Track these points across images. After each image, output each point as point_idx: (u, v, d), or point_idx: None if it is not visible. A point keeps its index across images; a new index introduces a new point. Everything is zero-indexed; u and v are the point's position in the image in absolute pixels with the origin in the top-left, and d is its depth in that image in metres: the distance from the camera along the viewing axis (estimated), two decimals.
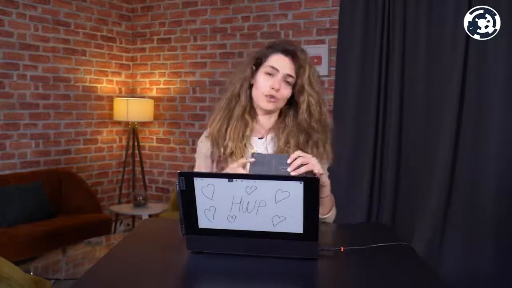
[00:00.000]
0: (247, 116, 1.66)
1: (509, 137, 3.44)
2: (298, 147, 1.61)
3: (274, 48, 1.65)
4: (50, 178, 4.27)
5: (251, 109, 1.68)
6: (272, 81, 1.60)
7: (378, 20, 3.81)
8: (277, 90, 1.60)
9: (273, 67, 1.61)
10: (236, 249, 1.27)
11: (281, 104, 1.64)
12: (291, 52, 1.62)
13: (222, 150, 1.63)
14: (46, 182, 4.18)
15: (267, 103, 1.62)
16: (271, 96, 1.60)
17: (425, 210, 3.69)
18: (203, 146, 1.72)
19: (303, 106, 1.61)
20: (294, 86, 1.63)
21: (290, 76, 1.61)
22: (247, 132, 1.66)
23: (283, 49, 1.63)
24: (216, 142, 1.66)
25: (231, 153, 1.62)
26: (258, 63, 1.66)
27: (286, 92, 1.62)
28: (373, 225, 2.91)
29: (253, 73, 1.66)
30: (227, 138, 1.63)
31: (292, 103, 1.66)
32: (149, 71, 5.13)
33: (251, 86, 1.66)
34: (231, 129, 1.64)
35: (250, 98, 1.67)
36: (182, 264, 1.26)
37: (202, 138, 1.75)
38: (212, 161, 1.69)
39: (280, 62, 1.61)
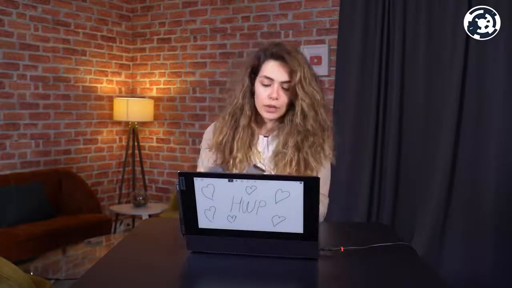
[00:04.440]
0: (253, 125, 1.68)
1: (509, 137, 3.44)
2: (297, 147, 1.62)
3: (265, 54, 1.63)
4: (50, 178, 4.27)
5: (257, 116, 1.69)
6: (269, 90, 1.60)
7: (378, 20, 3.81)
8: (276, 99, 1.60)
9: (268, 78, 1.60)
10: (236, 249, 1.27)
11: (283, 111, 1.64)
12: (282, 57, 1.60)
13: (230, 160, 1.64)
14: (46, 182, 4.17)
15: (268, 114, 1.63)
16: (271, 106, 1.61)
17: (425, 210, 3.69)
18: (207, 137, 1.75)
19: (297, 110, 1.61)
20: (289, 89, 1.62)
21: (286, 82, 1.60)
22: (255, 140, 1.67)
23: (273, 54, 1.61)
24: (221, 151, 1.67)
25: (239, 161, 1.64)
26: (254, 71, 1.66)
27: (285, 98, 1.62)
28: (373, 225, 2.92)
29: (252, 81, 1.66)
30: (235, 150, 1.65)
31: (292, 103, 1.67)
32: (149, 71, 5.13)
33: (252, 94, 1.67)
34: (238, 139, 1.65)
35: (255, 107, 1.67)
36: (182, 264, 1.27)
37: (209, 129, 1.77)
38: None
39: (274, 71, 1.60)
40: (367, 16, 3.86)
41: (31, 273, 2.78)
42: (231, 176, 1.21)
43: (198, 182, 1.21)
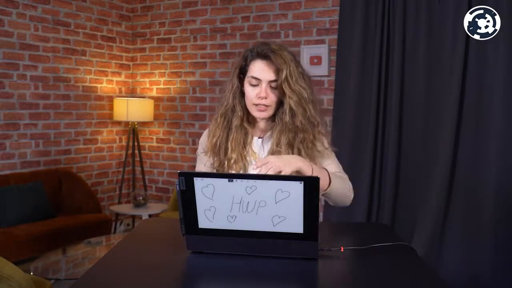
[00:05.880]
0: (246, 125, 1.68)
1: (509, 137, 3.44)
2: (290, 145, 1.63)
3: (252, 53, 1.64)
4: (50, 178, 4.27)
5: (249, 116, 1.69)
6: (258, 90, 1.61)
7: (378, 20, 3.81)
8: (265, 98, 1.61)
9: (255, 78, 1.61)
10: (236, 249, 1.27)
11: (273, 109, 1.65)
12: (267, 56, 1.60)
13: (226, 162, 1.65)
14: (46, 182, 4.18)
15: (258, 113, 1.64)
16: (261, 105, 1.62)
17: (425, 210, 3.69)
18: (203, 142, 1.76)
19: (286, 108, 1.61)
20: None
21: (273, 81, 1.60)
22: (248, 139, 1.67)
23: (259, 54, 1.62)
24: (216, 154, 1.68)
25: (234, 162, 1.65)
26: (242, 71, 1.66)
27: (273, 97, 1.62)
28: (373, 225, 2.91)
29: (241, 81, 1.67)
30: (230, 150, 1.65)
31: (281, 101, 1.67)
32: (149, 71, 5.13)
33: (243, 94, 1.67)
34: (232, 140, 1.66)
35: (246, 107, 1.68)
36: (182, 264, 1.27)
37: (203, 135, 1.77)
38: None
39: (260, 70, 1.60)
40: (367, 16, 3.86)
41: (31, 273, 2.78)
42: (231, 176, 1.21)
43: (198, 182, 1.21)
